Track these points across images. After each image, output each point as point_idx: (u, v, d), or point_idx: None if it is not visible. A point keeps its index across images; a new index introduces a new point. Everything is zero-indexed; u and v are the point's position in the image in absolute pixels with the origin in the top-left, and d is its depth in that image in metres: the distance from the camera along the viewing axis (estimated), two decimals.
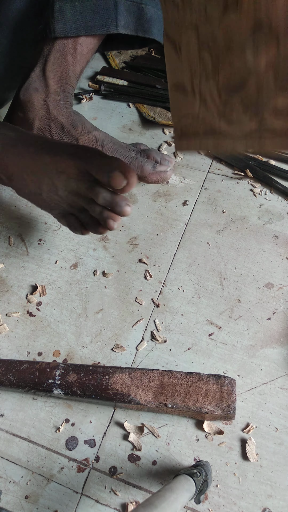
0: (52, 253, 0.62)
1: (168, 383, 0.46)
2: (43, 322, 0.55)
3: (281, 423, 0.47)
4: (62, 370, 0.48)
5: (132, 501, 0.44)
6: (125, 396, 0.45)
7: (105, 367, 0.48)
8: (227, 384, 0.45)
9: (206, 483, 0.40)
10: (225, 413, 0.44)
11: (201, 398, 0.45)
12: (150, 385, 0.46)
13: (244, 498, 0.43)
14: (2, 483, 0.45)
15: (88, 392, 0.46)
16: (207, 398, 0.45)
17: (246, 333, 0.53)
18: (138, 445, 0.46)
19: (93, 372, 0.48)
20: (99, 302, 0.56)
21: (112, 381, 0.47)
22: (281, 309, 0.54)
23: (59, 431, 0.47)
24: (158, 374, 0.47)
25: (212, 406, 0.44)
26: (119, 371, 0.47)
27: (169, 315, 0.55)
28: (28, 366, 0.49)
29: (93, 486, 0.45)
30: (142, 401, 0.45)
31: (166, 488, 0.36)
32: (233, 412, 0.44)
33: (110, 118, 0.80)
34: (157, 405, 0.45)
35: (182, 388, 0.46)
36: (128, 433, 0.47)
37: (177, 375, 0.46)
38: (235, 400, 0.45)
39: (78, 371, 0.48)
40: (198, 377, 0.46)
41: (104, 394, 0.46)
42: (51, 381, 0.47)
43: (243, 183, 0.67)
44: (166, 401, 0.45)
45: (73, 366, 0.49)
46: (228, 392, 0.45)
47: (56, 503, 0.44)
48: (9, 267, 0.60)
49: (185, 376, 0.46)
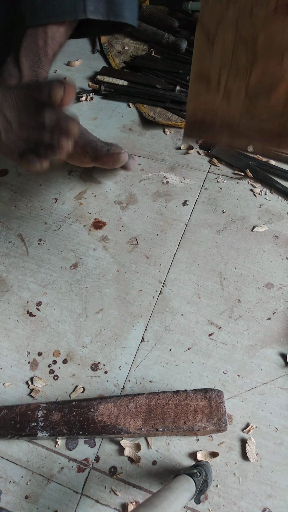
0: (52, 253, 0.62)
1: (155, 406, 0.45)
2: (43, 322, 0.55)
3: (281, 423, 0.47)
4: (44, 410, 0.46)
5: (132, 501, 0.44)
6: (114, 427, 0.44)
7: (89, 400, 0.46)
8: (215, 397, 0.45)
9: (206, 483, 0.40)
10: (217, 427, 0.43)
11: (191, 416, 0.44)
12: (138, 410, 0.45)
13: (244, 498, 0.43)
14: (2, 483, 0.45)
15: (74, 429, 0.45)
16: (197, 415, 0.44)
17: (246, 333, 0.53)
18: (136, 458, 0.46)
19: (77, 407, 0.46)
20: (99, 302, 0.56)
21: (98, 414, 0.45)
22: (281, 309, 0.54)
23: (58, 445, 0.47)
24: (144, 398, 0.46)
25: (203, 422, 0.43)
26: (104, 402, 0.46)
27: (169, 315, 0.55)
28: (7, 412, 0.46)
29: (93, 486, 0.45)
30: (132, 430, 0.44)
31: (166, 488, 0.36)
32: (225, 425, 0.43)
33: (110, 118, 0.80)
34: (147, 431, 0.44)
35: (170, 408, 0.45)
36: None
37: (164, 396, 0.45)
38: (225, 412, 0.44)
39: (61, 409, 0.46)
40: (185, 395, 0.45)
41: (91, 429, 0.44)
42: (34, 424, 0.45)
43: (243, 183, 0.67)
44: (156, 425, 0.44)
45: (55, 404, 0.47)
46: (217, 405, 0.44)
47: (56, 503, 0.44)
48: (9, 267, 0.60)
49: (172, 395, 0.45)
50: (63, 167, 0.71)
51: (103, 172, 0.71)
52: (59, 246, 0.62)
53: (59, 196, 0.68)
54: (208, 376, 0.50)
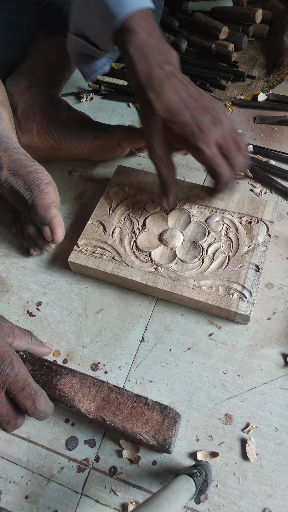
0: (52, 253, 0.62)
1: (114, 399, 0.45)
2: (43, 322, 0.55)
3: (281, 423, 0.47)
4: (21, 358, 0.47)
5: (132, 501, 0.44)
6: (69, 401, 0.45)
7: (61, 366, 0.47)
8: (171, 417, 0.43)
9: (206, 483, 0.40)
10: (160, 446, 0.42)
11: (140, 424, 0.43)
12: (96, 396, 0.45)
13: (244, 498, 0.43)
14: (2, 483, 0.45)
15: None
16: (146, 426, 0.43)
17: (246, 333, 0.53)
18: (135, 458, 0.46)
19: (47, 368, 0.47)
20: (99, 302, 0.56)
21: (61, 382, 0.46)
22: (281, 309, 0.54)
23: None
24: (107, 388, 0.45)
25: (148, 435, 0.43)
26: (71, 374, 0.46)
27: (169, 315, 0.55)
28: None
29: (93, 486, 0.45)
30: (83, 410, 0.44)
31: (166, 488, 0.36)
32: (168, 447, 0.42)
33: (110, 118, 0.80)
34: (96, 418, 0.44)
35: (126, 408, 0.44)
36: None
37: (125, 394, 0.45)
38: (174, 435, 0.43)
39: (34, 363, 0.47)
40: (144, 402, 0.44)
41: (50, 393, 0.45)
42: None
43: (243, 183, 0.67)
44: (105, 417, 0.44)
45: (31, 357, 0.47)
46: (169, 426, 0.43)
47: (56, 503, 0.44)
48: (9, 267, 0.60)
49: (132, 397, 0.45)
50: (63, 167, 0.71)
51: (103, 172, 0.71)
52: (58, 246, 0.62)
53: None
54: (208, 376, 0.50)
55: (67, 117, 0.64)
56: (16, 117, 0.66)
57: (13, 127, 0.64)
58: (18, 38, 0.69)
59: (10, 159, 0.56)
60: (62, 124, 0.63)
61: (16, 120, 0.65)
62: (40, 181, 0.55)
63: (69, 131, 0.63)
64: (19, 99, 0.66)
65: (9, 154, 0.56)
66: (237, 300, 0.51)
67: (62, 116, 0.64)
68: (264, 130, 0.74)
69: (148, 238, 0.57)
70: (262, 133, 0.74)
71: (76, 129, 0.63)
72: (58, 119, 0.64)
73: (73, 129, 0.63)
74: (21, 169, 0.56)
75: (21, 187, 0.55)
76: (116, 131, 0.63)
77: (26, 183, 0.55)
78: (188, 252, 0.56)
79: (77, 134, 0.63)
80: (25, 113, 0.65)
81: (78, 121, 0.64)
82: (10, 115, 0.63)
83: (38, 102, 0.65)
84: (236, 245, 0.56)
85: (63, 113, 0.64)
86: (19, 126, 0.65)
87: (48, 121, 0.64)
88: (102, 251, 0.57)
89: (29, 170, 0.56)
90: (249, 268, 0.53)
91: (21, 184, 0.55)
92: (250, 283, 0.52)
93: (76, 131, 0.63)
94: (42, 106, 0.65)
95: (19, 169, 0.56)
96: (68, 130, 0.63)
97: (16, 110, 0.66)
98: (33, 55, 0.68)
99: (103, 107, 0.82)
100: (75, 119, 0.64)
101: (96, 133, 0.63)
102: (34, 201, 0.55)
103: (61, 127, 0.63)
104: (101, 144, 0.64)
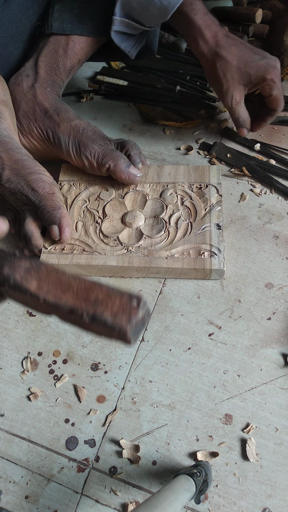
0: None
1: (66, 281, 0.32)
2: (43, 322, 0.55)
3: (281, 423, 0.47)
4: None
5: (132, 501, 0.44)
6: None
7: None
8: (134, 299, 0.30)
9: (206, 483, 0.40)
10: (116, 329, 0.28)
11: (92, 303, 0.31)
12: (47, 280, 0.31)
13: (244, 498, 0.43)
14: (2, 483, 0.45)
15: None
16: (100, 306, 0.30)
17: (246, 333, 0.53)
18: (135, 458, 0.46)
19: None
20: None
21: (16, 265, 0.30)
22: (281, 309, 0.54)
23: None
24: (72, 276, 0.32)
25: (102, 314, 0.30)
26: None
27: (169, 315, 0.55)
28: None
29: (93, 486, 0.45)
30: None
31: (166, 488, 0.36)
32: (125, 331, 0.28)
33: (110, 118, 0.80)
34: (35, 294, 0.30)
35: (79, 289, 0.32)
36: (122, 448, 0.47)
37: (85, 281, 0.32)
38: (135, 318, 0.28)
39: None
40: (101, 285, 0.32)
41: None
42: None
43: (243, 183, 0.67)
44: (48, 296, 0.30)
45: None
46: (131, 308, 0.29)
47: (56, 503, 0.44)
48: None
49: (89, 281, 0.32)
50: None
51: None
52: None
53: None
54: (208, 376, 0.50)
55: (66, 127, 0.64)
56: (18, 117, 0.66)
57: (15, 127, 0.64)
58: (21, 38, 0.69)
59: (12, 160, 0.57)
60: (61, 134, 0.63)
61: (17, 120, 0.66)
62: (43, 182, 0.57)
63: (65, 144, 0.63)
64: (21, 99, 0.66)
65: (11, 155, 0.57)
66: (209, 258, 0.55)
67: (61, 126, 0.64)
68: (264, 130, 0.74)
69: (112, 224, 0.60)
70: (262, 133, 0.74)
71: (72, 144, 0.63)
72: (58, 127, 0.64)
73: (70, 143, 0.63)
74: (23, 170, 0.57)
75: (24, 188, 0.57)
76: (106, 162, 0.60)
77: (29, 184, 0.56)
78: (152, 227, 0.59)
79: (71, 150, 0.63)
80: (27, 115, 0.65)
81: (75, 136, 0.63)
82: (12, 115, 0.63)
83: (40, 105, 0.65)
84: (194, 211, 0.60)
85: (63, 122, 0.64)
86: (20, 127, 0.66)
87: (47, 127, 0.64)
88: (71, 247, 0.58)
89: (32, 171, 0.57)
90: (211, 228, 0.57)
91: (24, 185, 0.57)
92: (216, 240, 0.56)
93: (71, 146, 0.63)
94: (44, 110, 0.65)
95: (21, 169, 0.57)
96: (63, 143, 0.63)
97: (18, 111, 0.66)
98: (36, 55, 0.68)
99: (103, 107, 0.82)
100: (71, 134, 0.63)
101: (85, 157, 0.62)
102: (42, 201, 0.56)
103: (59, 137, 0.63)
104: (89, 167, 0.63)
